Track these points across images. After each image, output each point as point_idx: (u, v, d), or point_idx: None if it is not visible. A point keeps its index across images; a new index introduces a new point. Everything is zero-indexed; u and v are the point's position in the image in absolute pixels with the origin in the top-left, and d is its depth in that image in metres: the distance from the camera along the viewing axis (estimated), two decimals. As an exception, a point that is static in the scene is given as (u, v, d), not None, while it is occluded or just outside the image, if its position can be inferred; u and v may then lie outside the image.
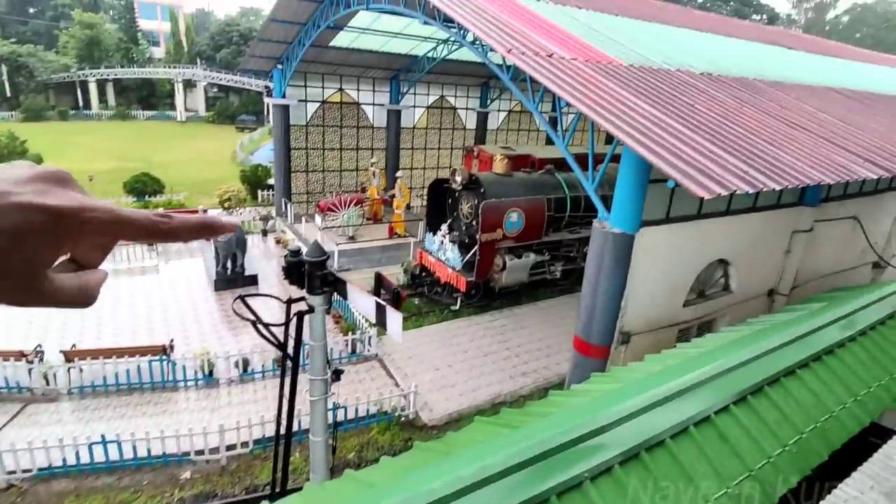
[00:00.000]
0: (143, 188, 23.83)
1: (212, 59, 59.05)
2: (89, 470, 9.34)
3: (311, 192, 24.43)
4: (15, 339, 12.73)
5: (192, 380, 11.80)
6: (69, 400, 11.30)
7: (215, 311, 15.49)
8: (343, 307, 14.90)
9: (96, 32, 52.04)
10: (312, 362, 6.93)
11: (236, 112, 54.18)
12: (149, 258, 18.94)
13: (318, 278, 6.36)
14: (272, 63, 22.12)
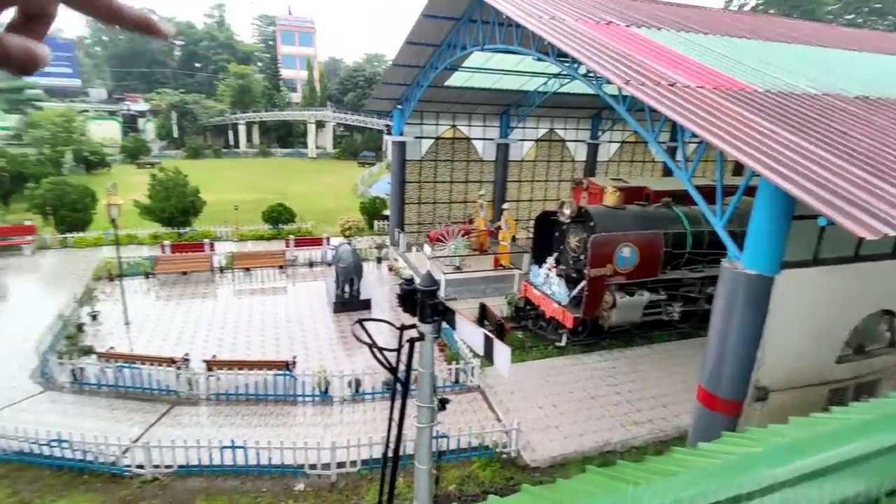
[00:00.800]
0: (278, 217, 26.64)
1: (340, 102, 65.16)
2: (218, 471, 10.33)
3: (422, 223, 25.50)
4: (168, 347, 14.73)
5: (310, 395, 12.66)
6: (207, 405, 12.70)
7: (333, 331, 16.58)
8: (447, 336, 15.11)
9: (247, 82, 60.29)
10: (421, 389, 7.07)
11: (359, 149, 58.85)
12: (280, 280, 20.96)
13: (429, 307, 6.55)
14: (392, 104, 23.81)
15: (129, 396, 12.72)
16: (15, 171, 29.12)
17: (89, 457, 10.29)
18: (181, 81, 70.72)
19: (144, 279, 19.92)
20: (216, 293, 19.41)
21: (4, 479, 10.13)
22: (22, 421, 11.04)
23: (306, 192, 38.52)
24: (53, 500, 9.64)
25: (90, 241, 23.50)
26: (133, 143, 49.39)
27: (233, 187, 37.58)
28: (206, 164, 47.93)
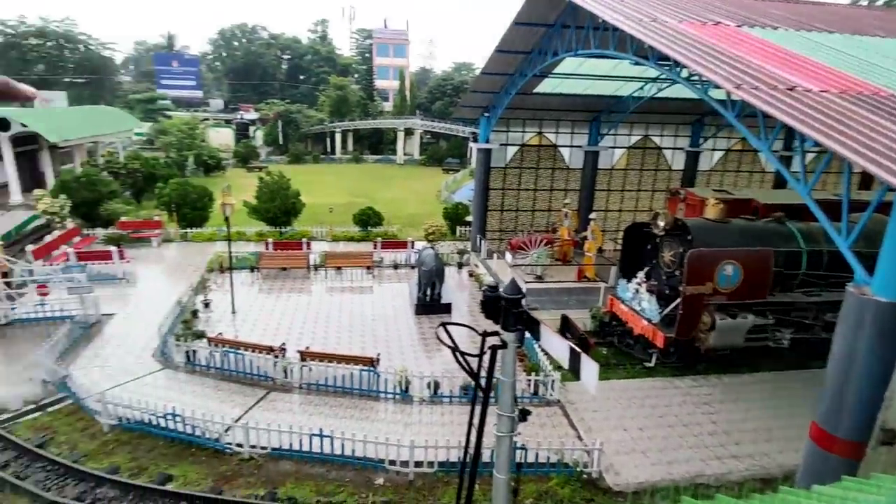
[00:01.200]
0: (368, 220, 27.91)
1: (428, 110, 67.00)
2: (307, 457, 10.97)
3: (504, 230, 25.42)
4: (268, 337, 15.90)
5: (392, 393, 13.08)
6: (299, 393, 13.55)
7: (414, 332, 17.01)
8: (528, 346, 14.90)
9: (345, 93, 63.92)
10: (502, 398, 7.03)
11: (444, 155, 60.08)
12: (367, 280, 21.91)
13: (514, 315, 6.51)
14: (479, 111, 24.03)
15: (233, 379, 13.92)
16: (148, 172, 33.16)
17: (197, 432, 11.39)
18: (287, 92, 76.55)
19: (250, 273, 21.74)
20: (310, 289, 20.70)
21: (127, 445, 11.49)
22: (143, 394, 12.49)
23: (393, 196, 39.94)
24: (166, 468, 10.78)
25: (206, 236, 26.11)
26: (244, 149, 54.19)
27: (328, 191, 39.92)
28: (306, 168, 51.36)
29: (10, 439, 11.14)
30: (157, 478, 10.37)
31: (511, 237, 23.71)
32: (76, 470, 10.42)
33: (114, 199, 26.81)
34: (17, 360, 14.43)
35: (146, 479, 10.34)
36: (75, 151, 36.60)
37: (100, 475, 10.26)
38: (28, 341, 15.32)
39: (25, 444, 11.01)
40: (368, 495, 9.84)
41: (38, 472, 10.43)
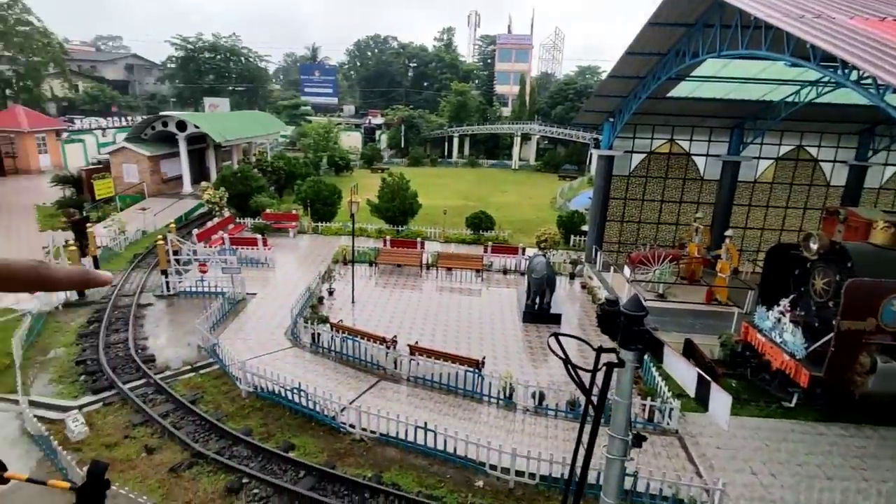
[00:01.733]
0: (480, 223, 28.27)
1: (547, 115, 65.95)
2: (411, 448, 11.42)
3: (623, 242, 24.15)
4: (381, 327, 16.83)
5: (495, 398, 13.11)
6: (407, 385, 14.16)
7: (520, 340, 16.88)
8: (645, 369, 13.99)
9: (465, 98, 65.46)
10: (615, 419, 6.69)
11: (561, 161, 58.74)
12: (476, 283, 22.22)
13: (634, 334, 6.18)
14: (603, 116, 23.10)
15: (349, 364, 14.97)
16: (289, 170, 36.93)
17: (317, 408, 12.43)
18: (411, 98, 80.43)
19: (368, 266, 23.22)
20: (422, 287, 21.52)
21: (259, 411, 12.91)
22: (275, 367, 13.93)
23: (506, 201, 39.95)
24: (289, 437, 11.92)
25: (333, 230, 28.42)
26: (370, 152, 58.04)
27: (443, 193, 41.15)
28: (424, 171, 53.46)
29: (171, 393, 13.13)
30: (282, 445, 11.52)
31: (631, 250, 22.47)
32: (218, 427, 11.95)
33: (261, 193, 30.28)
34: (180, 326, 16.95)
35: (273, 444, 11.52)
36: (234, 150, 41.99)
37: (237, 435, 11.67)
38: (189, 311, 17.92)
39: (182, 399, 12.89)
40: (468, 495, 9.96)
41: (189, 425, 12.15)
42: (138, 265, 22.07)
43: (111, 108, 61.31)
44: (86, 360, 14.54)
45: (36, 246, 22.53)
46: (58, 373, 13.99)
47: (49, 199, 30.50)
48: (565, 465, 9.87)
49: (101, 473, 0.96)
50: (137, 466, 10.75)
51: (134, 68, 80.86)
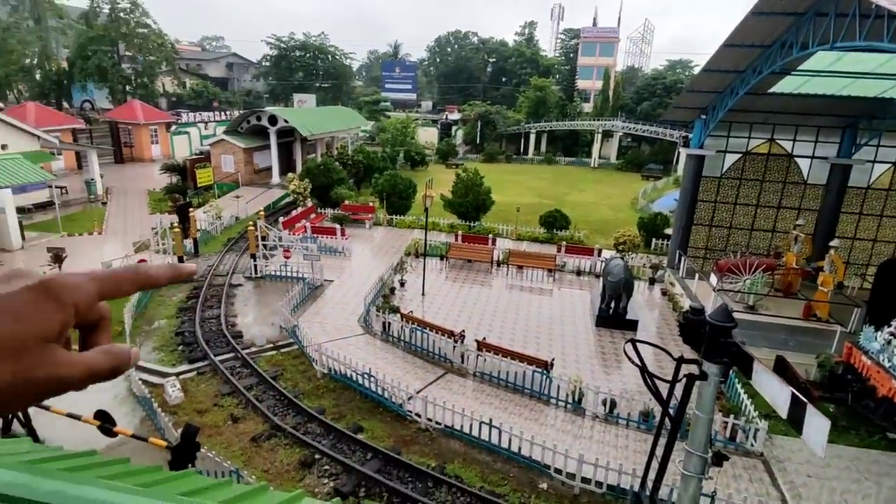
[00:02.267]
0: (554, 222, 27.69)
1: (632, 112, 63.09)
2: (475, 443, 11.49)
3: (710, 249, 22.63)
4: (450, 321, 17.00)
5: (563, 401, 12.83)
6: (472, 380, 14.24)
7: (592, 344, 16.37)
8: (728, 384, 13.07)
9: (544, 94, 64.20)
10: (694, 434, 6.34)
11: (645, 160, 56.04)
12: (547, 282, 21.83)
13: (720, 346, 5.79)
14: (695, 113, 21.70)
15: (417, 354, 15.30)
16: (367, 164, 38.28)
17: (386, 394, 12.84)
18: (489, 94, 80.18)
19: (439, 260, 23.54)
20: (491, 283, 21.49)
21: (332, 392, 13.56)
22: (348, 352, 14.54)
23: (583, 200, 38.79)
24: (359, 419, 12.42)
25: (406, 223, 29.10)
26: (445, 147, 58.70)
27: (517, 190, 40.73)
28: (498, 167, 53.22)
29: (255, 368, 14.14)
30: (352, 426, 12.03)
31: (719, 257, 21.02)
32: (295, 404, 12.70)
33: (341, 185, 31.65)
34: (265, 307, 18.17)
35: (343, 424, 12.07)
36: (318, 144, 44.15)
37: (311, 413, 12.34)
38: (273, 293, 19.16)
39: (264, 375, 13.83)
40: (531, 496, 9.86)
41: (269, 400, 13.02)
42: (231, 248, 23.89)
43: (212, 104, 66.65)
44: (184, 332, 16.01)
45: (146, 226, 25.09)
46: (160, 342, 15.53)
47: (158, 185, 33.82)
48: (635, 477, 9.47)
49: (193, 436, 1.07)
50: (223, 433, 11.69)
51: (233, 66, 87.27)
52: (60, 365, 0.56)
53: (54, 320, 0.56)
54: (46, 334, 0.55)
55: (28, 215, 25.74)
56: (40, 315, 0.55)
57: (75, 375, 0.57)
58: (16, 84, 55.14)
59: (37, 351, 0.54)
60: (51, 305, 0.56)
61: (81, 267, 19.29)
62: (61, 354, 0.57)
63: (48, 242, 22.10)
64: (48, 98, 54.15)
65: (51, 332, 0.56)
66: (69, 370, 0.57)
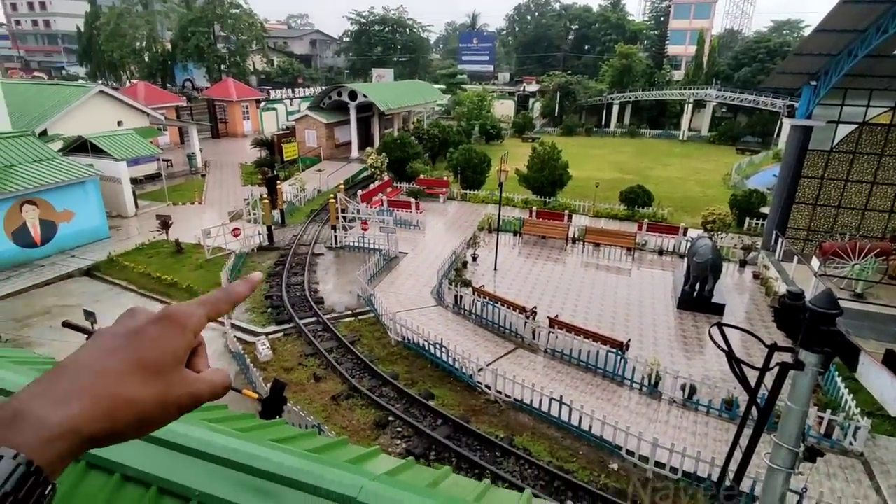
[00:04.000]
0: (635, 199, 26.33)
1: (729, 79, 57.79)
2: (544, 418, 11.50)
3: (813, 230, 20.53)
4: (521, 297, 16.89)
5: (638, 384, 12.45)
6: (543, 356, 14.16)
7: (672, 326, 15.63)
8: (827, 377, 11.99)
9: (630, 62, 60.32)
10: (785, 426, 5.91)
11: (741, 132, 51.37)
12: (625, 261, 20.98)
13: (821, 334, 5.31)
14: (803, 79, 19.46)
15: (488, 328, 15.44)
16: (443, 138, 38.38)
17: (456, 365, 13.14)
18: (569, 64, 76.76)
19: (512, 236, 23.35)
20: (566, 261, 21.01)
21: (405, 359, 14.08)
22: (420, 322, 14.97)
23: (669, 176, 36.49)
24: (429, 386, 12.84)
25: (480, 197, 29.02)
26: (522, 120, 57.25)
27: (597, 165, 39.08)
28: (577, 141, 51.21)
29: (335, 332, 14.99)
30: (423, 393, 12.48)
31: (824, 239, 19.06)
32: (371, 368, 13.36)
33: (416, 159, 32.06)
34: (344, 276, 19.10)
35: (415, 391, 12.55)
36: (395, 118, 44.88)
37: (385, 377, 12.93)
38: (351, 263, 20.05)
39: (343, 339, 14.64)
40: (601, 475, 9.76)
41: (347, 362, 13.79)
42: (314, 219, 25.20)
43: (297, 80, 69.60)
44: (272, 296, 17.26)
45: (239, 198, 27.04)
46: (252, 304, 16.88)
47: (249, 158, 36.19)
48: (714, 466, 9.06)
49: (280, 390, 1.16)
50: (307, 390, 12.60)
51: (317, 43, 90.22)
52: (192, 383, 0.67)
53: (182, 344, 0.67)
54: (179, 357, 0.66)
55: (140, 186, 28.61)
56: (172, 341, 0.65)
57: (204, 391, 0.68)
58: (128, 65, 60.83)
59: (173, 372, 0.64)
60: (178, 332, 0.67)
61: (186, 231, 21.31)
62: (190, 374, 0.68)
63: (157, 210, 24.54)
64: (154, 78, 59.29)
65: (181, 354, 0.66)
66: (199, 386, 0.67)
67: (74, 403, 0.55)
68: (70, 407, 0.55)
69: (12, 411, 0.53)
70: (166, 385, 0.63)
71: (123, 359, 0.61)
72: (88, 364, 0.60)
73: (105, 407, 0.57)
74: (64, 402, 0.55)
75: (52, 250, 19.75)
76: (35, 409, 0.54)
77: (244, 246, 20.62)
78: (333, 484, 1.38)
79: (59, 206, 20.00)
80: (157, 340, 0.65)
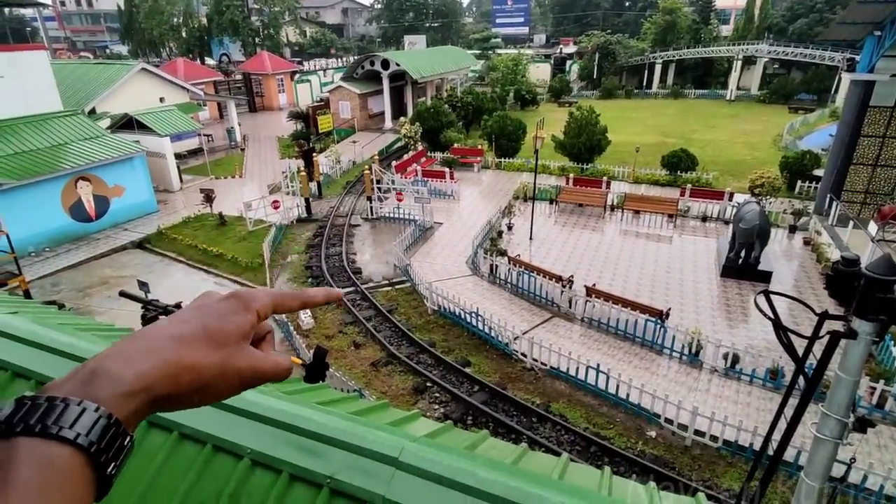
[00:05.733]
0: (678, 163, 25.25)
1: (783, 32, 53.83)
2: (581, 386, 11.53)
3: (872, 193, 19.26)
4: (558, 266, 16.75)
5: (678, 352, 12.25)
6: (580, 325, 14.09)
7: (715, 295, 15.18)
8: (882, 347, 11.45)
9: (674, 17, 56.87)
10: (834, 396, 5.72)
11: (794, 90, 48.04)
12: (667, 229, 20.34)
13: (877, 302, 5.04)
14: (867, 29, 17.92)
15: (524, 297, 15.43)
16: (476, 105, 37.66)
17: (492, 333, 13.26)
18: (609, 22, 73.17)
19: (549, 204, 22.96)
20: (604, 229, 20.57)
21: (442, 328, 14.29)
22: (456, 292, 15.08)
23: (714, 138, 34.75)
24: (466, 354, 13.04)
25: (515, 166, 28.55)
26: (558, 84, 55.31)
27: (637, 128, 37.58)
28: (617, 104, 49.23)
29: (373, 301, 15.33)
30: (460, 360, 12.69)
31: (884, 202, 17.89)
32: (408, 336, 13.66)
33: (450, 128, 31.65)
34: (380, 246, 19.37)
35: (452, 358, 12.77)
36: (427, 86, 44.25)
37: (423, 345, 13.20)
38: (386, 233, 20.29)
39: (381, 308, 14.96)
40: (638, 443, 9.77)
41: (386, 330, 14.13)
42: (349, 191, 25.48)
43: (330, 51, 69.31)
44: (312, 266, 17.74)
45: (277, 170, 27.58)
46: (293, 273, 17.41)
47: (286, 131, 36.65)
48: (756, 435, 8.91)
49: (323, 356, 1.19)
50: (347, 357, 13.04)
51: (348, 11, 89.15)
52: (255, 357, 0.71)
53: (246, 321, 0.71)
54: (243, 331, 0.70)
55: (183, 161, 29.57)
56: (236, 317, 0.70)
57: (267, 367, 0.72)
58: (167, 42, 62.01)
59: (236, 344, 0.69)
60: (243, 309, 0.71)
61: (228, 204, 21.99)
62: (254, 350, 0.72)
63: (200, 184, 25.37)
64: (192, 54, 60.31)
65: (245, 330, 0.70)
66: (262, 362, 0.71)
67: (145, 364, 0.60)
68: (141, 366, 0.59)
69: (90, 369, 0.58)
70: (229, 355, 0.67)
71: (191, 328, 0.66)
72: (159, 332, 0.65)
73: (172, 368, 0.61)
74: (137, 361, 0.60)
75: (106, 224, 20.84)
76: (111, 366, 0.58)
77: (284, 218, 21.14)
78: (376, 444, 1.44)
79: (111, 181, 20.97)
80: (223, 314, 0.70)
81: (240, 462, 1.48)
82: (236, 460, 1.49)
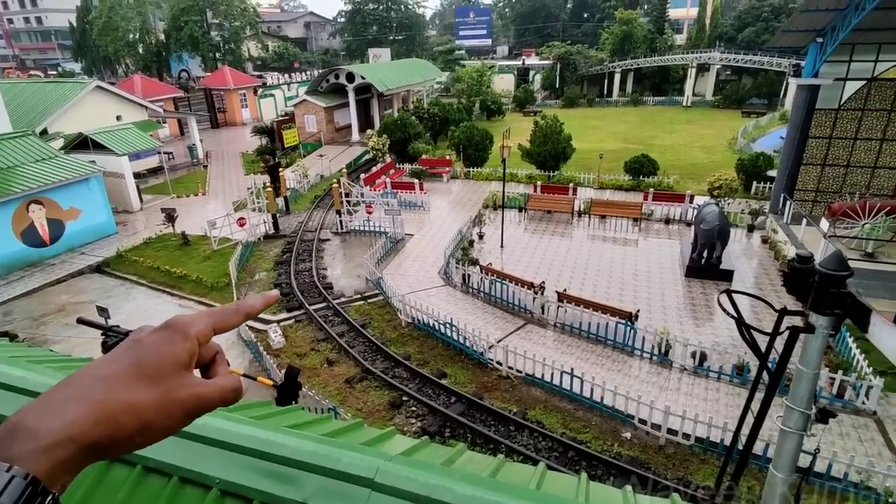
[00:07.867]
0: (640, 168, 26.02)
1: (732, 40, 56.39)
2: (556, 391, 11.62)
3: (822, 191, 20.26)
4: (529, 273, 16.91)
5: (648, 353, 12.52)
6: (553, 331, 14.25)
7: (681, 295, 15.62)
8: (838, 338, 11.99)
9: (630, 28, 58.91)
10: (796, 389, 5.95)
11: (746, 95, 50.36)
12: (632, 232, 20.86)
13: (832, 296, 5.29)
14: (810, 36, 18.95)
15: (497, 305, 15.51)
16: (443, 116, 37.96)
17: (467, 343, 13.25)
18: (569, 33, 75.14)
19: (518, 212, 23.25)
20: (572, 234, 20.94)
21: (416, 340, 14.21)
22: (430, 303, 15.04)
23: (673, 143, 35.99)
24: (441, 365, 12.98)
25: (484, 175, 28.83)
26: (522, 94, 56.37)
27: (600, 136, 38.59)
28: (580, 112, 50.45)
29: (346, 317, 15.12)
30: (436, 372, 12.63)
31: (833, 200, 18.81)
32: (383, 350, 13.51)
33: (418, 139, 31.77)
34: (351, 260, 19.17)
35: (427, 370, 12.70)
36: (394, 98, 44.34)
37: (398, 358, 13.08)
38: (357, 247, 20.10)
39: (354, 323, 14.77)
40: (614, 444, 9.90)
41: (359, 346, 13.94)
42: (318, 205, 25.19)
43: (293, 65, 68.74)
44: (281, 283, 17.39)
45: (242, 187, 27.04)
46: (262, 291, 16.98)
47: (250, 147, 36.04)
48: (726, 431, 9.15)
49: (295, 376, 1.17)
50: (321, 375, 12.79)
51: (311, 25, 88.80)
52: (196, 385, 0.68)
53: (183, 349, 0.68)
54: (180, 361, 0.67)
55: (143, 180, 28.67)
56: (171, 347, 0.67)
57: (212, 394, 0.69)
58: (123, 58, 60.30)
59: (175, 376, 0.66)
60: (179, 338, 0.69)
61: (192, 223, 21.41)
62: (195, 378, 0.70)
63: (161, 204, 24.63)
64: (150, 70, 58.82)
65: (182, 359, 0.68)
66: (205, 388, 0.69)
67: (69, 411, 0.56)
68: (64, 415, 0.56)
69: (10, 426, 0.54)
70: (168, 389, 0.64)
71: (122, 366, 0.63)
72: (88, 374, 0.61)
73: (103, 412, 0.57)
74: (58, 411, 0.56)
75: (62, 248, 19.95)
76: (29, 421, 0.55)
77: (250, 235, 20.71)
78: (350, 466, 1.41)
79: (65, 204, 20.12)
80: (156, 346, 0.67)
81: (208, 493, 1.42)
82: (205, 491, 1.43)
